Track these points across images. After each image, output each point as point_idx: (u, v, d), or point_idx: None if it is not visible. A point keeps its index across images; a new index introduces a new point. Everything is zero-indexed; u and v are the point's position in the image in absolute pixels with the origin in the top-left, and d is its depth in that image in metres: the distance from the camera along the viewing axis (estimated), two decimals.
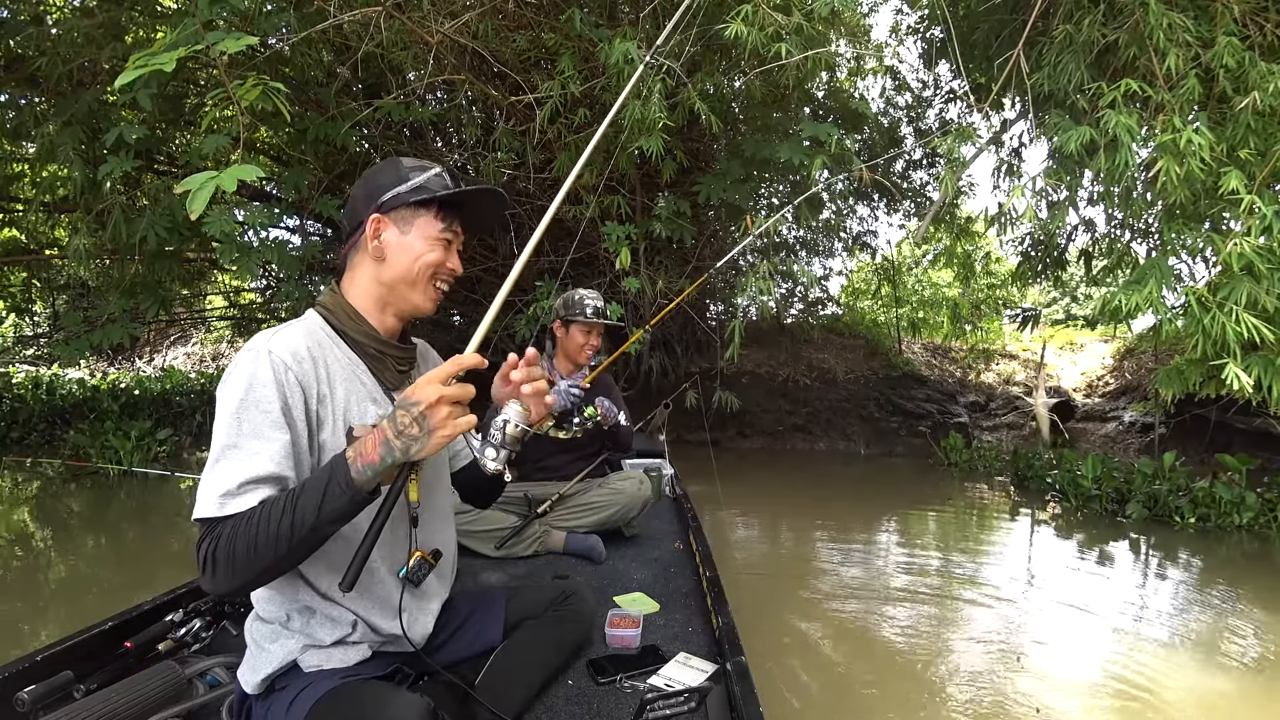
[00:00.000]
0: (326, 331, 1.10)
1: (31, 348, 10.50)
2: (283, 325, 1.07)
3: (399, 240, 1.10)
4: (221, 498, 0.91)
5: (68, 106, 4.28)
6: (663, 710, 1.19)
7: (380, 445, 0.89)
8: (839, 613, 3.04)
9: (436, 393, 0.88)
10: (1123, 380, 8.22)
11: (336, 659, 1.08)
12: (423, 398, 0.88)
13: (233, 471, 0.93)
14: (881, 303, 9.64)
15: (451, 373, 0.90)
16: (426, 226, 1.10)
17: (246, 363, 0.98)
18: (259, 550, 0.87)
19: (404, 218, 1.10)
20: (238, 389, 0.96)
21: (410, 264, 1.09)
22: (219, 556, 0.88)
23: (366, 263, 1.12)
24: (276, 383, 0.97)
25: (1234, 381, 2.84)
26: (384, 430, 0.90)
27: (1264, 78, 3.07)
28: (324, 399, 1.04)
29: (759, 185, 6.63)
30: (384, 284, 1.11)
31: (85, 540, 4.11)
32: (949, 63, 6.10)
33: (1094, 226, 5.09)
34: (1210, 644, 2.77)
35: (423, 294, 1.12)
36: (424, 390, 0.89)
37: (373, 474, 0.90)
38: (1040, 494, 5.53)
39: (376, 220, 1.10)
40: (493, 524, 2.31)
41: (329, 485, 0.89)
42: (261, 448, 0.95)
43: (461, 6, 4.07)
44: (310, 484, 0.90)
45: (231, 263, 4.10)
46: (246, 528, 0.88)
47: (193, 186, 1.81)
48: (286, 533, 0.87)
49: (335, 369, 1.07)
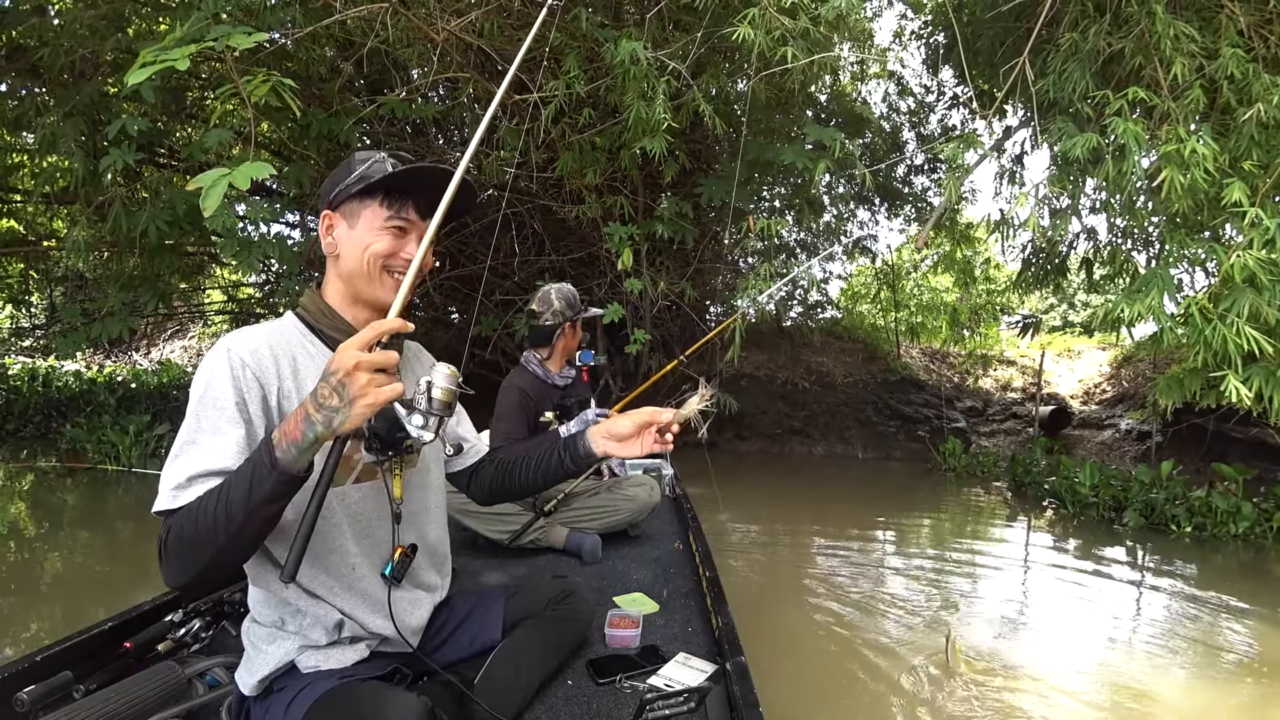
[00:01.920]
0: (300, 330, 1.11)
1: (28, 339, 10.45)
2: (251, 326, 1.08)
3: (348, 234, 1.09)
4: (174, 490, 0.92)
5: (69, 98, 4.26)
6: (662, 710, 1.19)
7: (302, 421, 0.85)
8: (838, 614, 3.04)
9: (354, 359, 0.83)
10: (1120, 388, 8.24)
11: (334, 659, 1.08)
12: (339, 364, 0.83)
13: (186, 465, 0.93)
14: (880, 307, 9.65)
15: (369, 339, 0.85)
16: (372, 217, 1.08)
17: (207, 362, 1.00)
18: (201, 539, 0.86)
19: (351, 210, 1.09)
20: (198, 387, 0.98)
21: (360, 256, 1.07)
22: (170, 546, 0.89)
23: (331, 263, 1.13)
24: (233, 378, 0.98)
25: (1234, 393, 2.84)
26: (305, 406, 0.86)
27: (1268, 90, 3.09)
28: (288, 394, 1.03)
29: (760, 188, 6.64)
30: (344, 279, 1.11)
31: (82, 537, 4.09)
32: (953, 69, 6.12)
33: (1095, 234, 5.10)
34: (1205, 652, 2.78)
35: (380, 286, 1.08)
36: (341, 357, 0.84)
37: (297, 452, 0.85)
38: (1037, 500, 5.54)
39: (327, 217, 1.11)
40: (496, 509, 2.31)
41: (255, 467, 0.86)
42: (215, 442, 0.95)
43: (466, 4, 4.06)
44: (240, 469, 0.89)
45: (232, 257, 4.08)
46: (189, 517, 0.88)
47: (205, 184, 1.80)
48: (223, 519, 0.85)
49: (305, 365, 1.07)
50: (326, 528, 1.06)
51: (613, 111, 4.43)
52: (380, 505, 1.12)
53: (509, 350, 6.68)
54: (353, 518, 1.10)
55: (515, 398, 2.32)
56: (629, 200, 5.12)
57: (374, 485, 1.12)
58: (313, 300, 1.14)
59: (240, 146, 3.70)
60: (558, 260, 6.16)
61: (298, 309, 1.15)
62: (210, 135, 3.39)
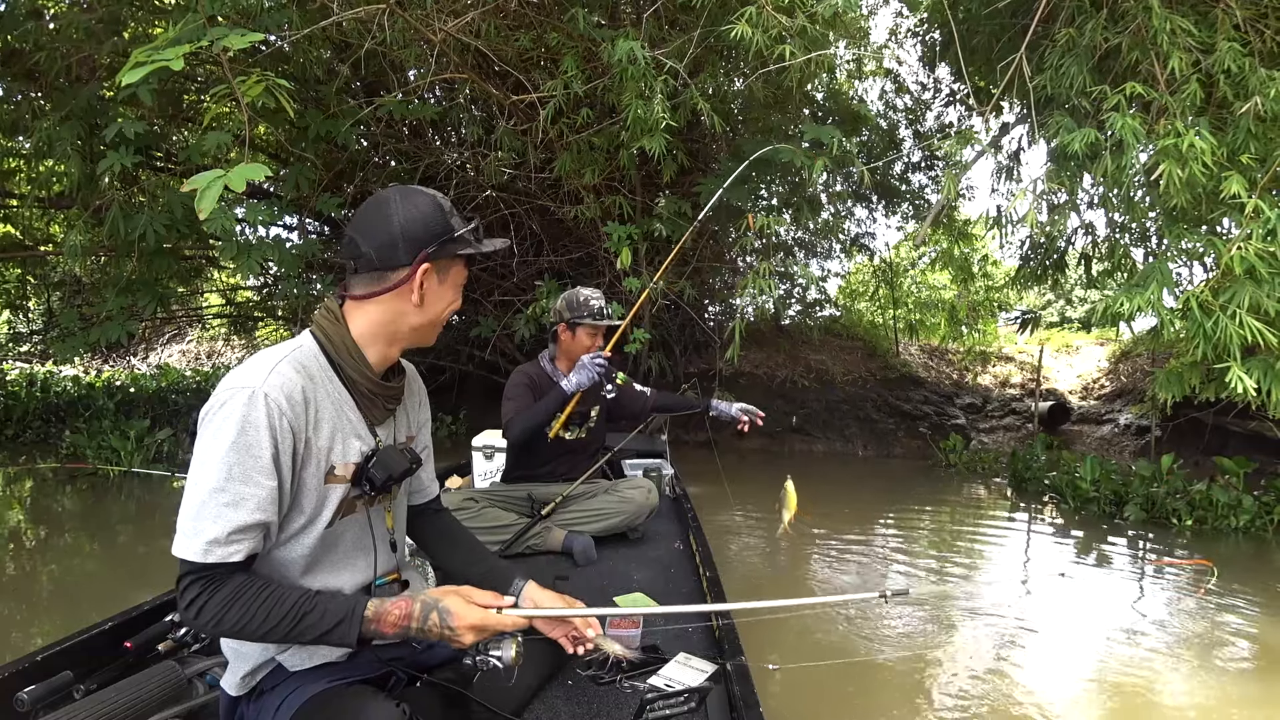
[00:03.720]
0: (321, 364, 1.06)
1: (25, 344, 10.43)
2: (277, 355, 1.02)
3: (438, 288, 1.10)
4: (208, 544, 0.91)
5: (66, 101, 4.25)
6: (663, 710, 1.19)
7: (400, 628, 0.99)
8: (838, 614, 3.03)
9: (472, 635, 1.02)
10: (1118, 383, 8.25)
11: (320, 655, 1.07)
12: (459, 626, 1.01)
13: (220, 519, 0.92)
14: (879, 304, 9.65)
15: (492, 627, 1.04)
16: (458, 276, 1.13)
17: (239, 403, 0.94)
18: (250, 627, 0.93)
19: (445, 266, 1.10)
20: (229, 430, 0.93)
21: (441, 310, 1.12)
22: (208, 608, 0.92)
23: (396, 304, 1.07)
24: (270, 428, 0.95)
25: (1237, 385, 2.84)
26: (412, 617, 0.99)
27: (1264, 84, 3.09)
28: (310, 441, 1.01)
29: (758, 186, 6.64)
30: (411, 326, 1.09)
31: (81, 541, 4.08)
32: (949, 66, 6.12)
33: (1094, 230, 5.11)
34: (1206, 646, 2.78)
35: (436, 333, 1.15)
36: (465, 619, 1.01)
37: (376, 638, 0.99)
38: (1038, 495, 5.54)
39: (427, 270, 1.07)
40: (492, 521, 2.31)
41: (339, 626, 0.96)
42: (249, 494, 0.93)
43: (464, 5, 4.06)
44: (324, 612, 0.96)
45: (231, 260, 4.07)
46: (248, 602, 0.93)
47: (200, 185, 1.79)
48: (283, 631, 0.94)
49: (324, 406, 1.04)
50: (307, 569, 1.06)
51: (610, 111, 4.43)
52: (369, 533, 1.14)
53: (507, 351, 6.68)
54: (331, 555, 1.09)
55: (520, 379, 2.45)
56: (627, 200, 5.12)
57: (354, 519, 1.12)
58: (335, 330, 1.07)
59: (238, 149, 3.70)
60: (556, 260, 6.16)
61: (317, 333, 1.08)
62: (208, 138, 3.39)
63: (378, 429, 1.13)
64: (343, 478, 1.06)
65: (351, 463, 1.07)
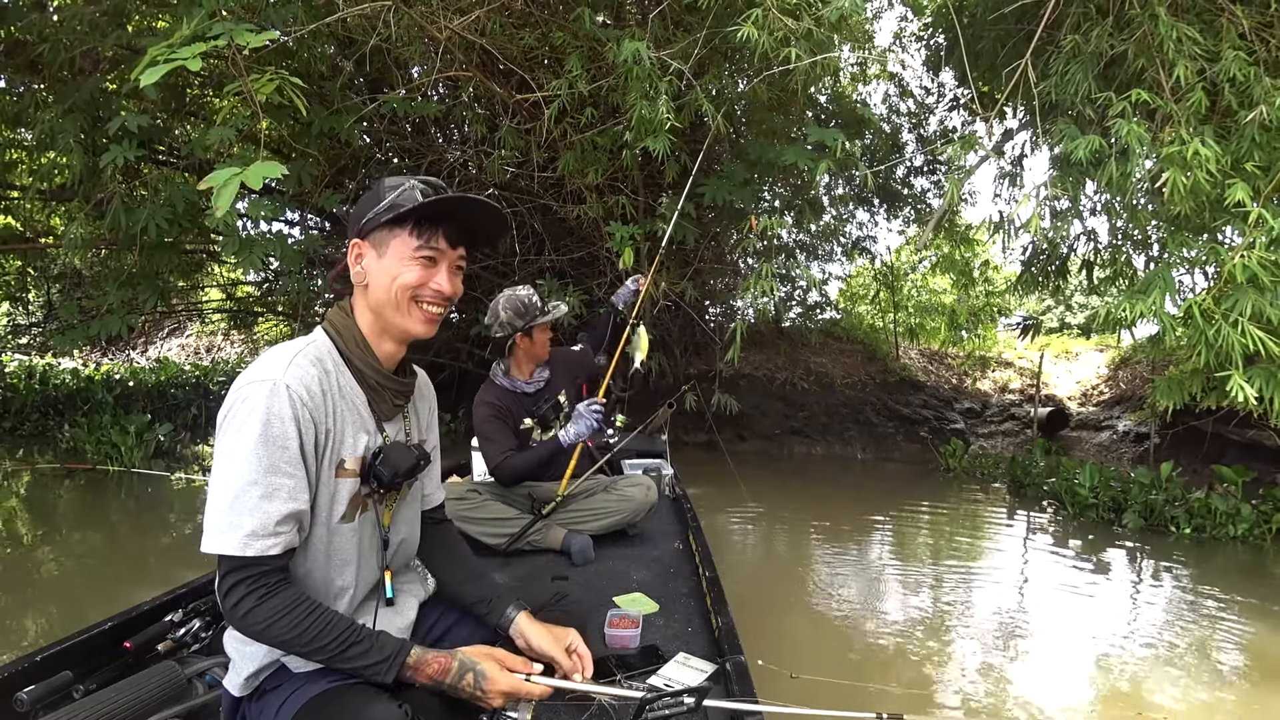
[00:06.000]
0: (335, 359, 1.07)
1: (25, 336, 10.42)
2: (293, 349, 1.03)
3: (377, 264, 1.06)
4: (247, 538, 0.92)
5: (68, 93, 4.24)
6: (662, 710, 1.18)
7: (434, 680, 1.01)
8: (838, 615, 3.03)
9: (500, 700, 1.05)
10: (1117, 390, 8.25)
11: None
12: (492, 690, 1.03)
13: (256, 511, 0.93)
14: (879, 308, 9.65)
15: (521, 695, 1.07)
16: (401, 246, 1.05)
17: (261, 395, 0.95)
18: (297, 642, 0.95)
19: (380, 239, 1.06)
20: (255, 423, 0.94)
21: (388, 287, 1.05)
22: (256, 613, 0.93)
23: (358, 291, 1.09)
24: (295, 419, 0.96)
25: (1238, 393, 2.84)
26: (449, 672, 1.02)
27: (1269, 93, 3.09)
28: (328, 432, 1.03)
29: (761, 188, 6.63)
30: (373, 310, 1.08)
31: (81, 538, 4.07)
32: (953, 70, 6.12)
33: (1096, 236, 5.11)
34: (1204, 653, 2.78)
35: (408, 317, 1.07)
36: (499, 684, 1.03)
37: (409, 683, 1.01)
38: (1037, 501, 5.54)
39: (355, 245, 1.08)
40: (494, 514, 2.32)
41: (380, 663, 0.98)
42: (282, 484, 0.95)
43: (469, 3, 4.05)
44: (370, 647, 0.98)
45: (233, 255, 4.07)
46: (299, 618, 0.94)
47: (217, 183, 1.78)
48: (327, 653, 0.96)
49: (338, 399, 1.05)
50: (321, 564, 1.06)
51: (614, 111, 4.43)
52: (368, 535, 1.13)
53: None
54: (344, 551, 1.09)
55: (486, 413, 2.34)
56: (630, 200, 5.11)
57: (366, 516, 1.12)
58: (345, 325, 1.09)
59: (240, 144, 3.69)
60: (558, 260, 6.15)
61: (328, 327, 1.09)
62: (211, 133, 3.38)
63: (386, 425, 1.13)
64: (352, 471, 1.07)
65: (359, 456, 1.07)
